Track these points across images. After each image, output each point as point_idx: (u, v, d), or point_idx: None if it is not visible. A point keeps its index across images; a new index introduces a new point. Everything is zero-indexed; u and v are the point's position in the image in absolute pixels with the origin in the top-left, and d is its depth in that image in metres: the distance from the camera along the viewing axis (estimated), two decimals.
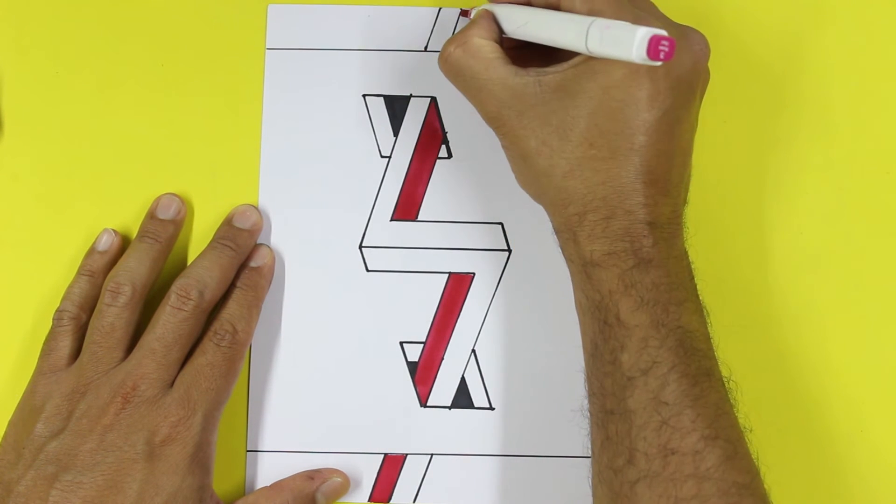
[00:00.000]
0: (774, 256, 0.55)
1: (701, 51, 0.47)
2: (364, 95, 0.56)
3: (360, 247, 0.55)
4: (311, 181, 0.55)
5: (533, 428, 0.54)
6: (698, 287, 0.48)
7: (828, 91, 0.56)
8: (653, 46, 0.40)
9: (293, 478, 0.53)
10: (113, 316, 0.51)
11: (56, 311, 0.52)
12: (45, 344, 0.52)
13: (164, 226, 0.53)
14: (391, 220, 0.55)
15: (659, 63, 0.41)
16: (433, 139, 0.55)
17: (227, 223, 0.54)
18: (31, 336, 0.53)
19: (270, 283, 0.54)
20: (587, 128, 0.46)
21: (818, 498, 0.54)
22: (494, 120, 0.48)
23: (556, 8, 0.48)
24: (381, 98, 0.56)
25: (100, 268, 0.53)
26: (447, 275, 0.55)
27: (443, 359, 0.54)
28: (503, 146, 0.50)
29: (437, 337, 0.55)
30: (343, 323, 0.55)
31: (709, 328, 0.47)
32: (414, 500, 0.54)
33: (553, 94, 0.47)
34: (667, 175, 0.47)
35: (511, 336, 0.55)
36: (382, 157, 0.55)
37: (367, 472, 0.54)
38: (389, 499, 0.54)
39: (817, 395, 0.54)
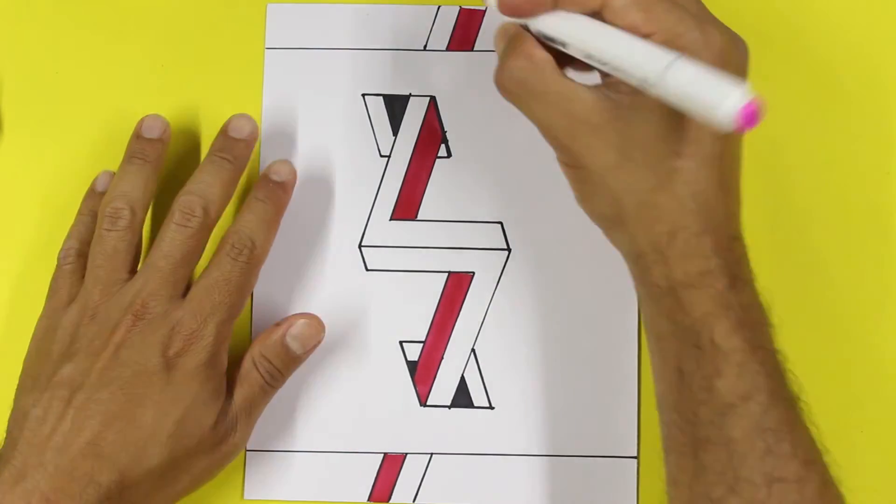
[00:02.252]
0: (768, 257, 0.55)
1: (746, 49, 0.46)
2: (363, 95, 0.56)
3: (360, 246, 0.55)
4: (311, 180, 0.55)
5: (533, 428, 0.54)
6: None
7: (826, 91, 0.56)
8: (745, 116, 0.35)
9: (262, 332, 0.53)
10: (115, 239, 0.51)
11: (60, 250, 0.53)
12: (52, 283, 0.52)
13: (152, 145, 0.53)
14: (391, 219, 0.55)
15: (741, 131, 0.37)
16: (432, 138, 0.56)
17: (223, 134, 0.54)
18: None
19: (290, 199, 0.54)
20: (672, 138, 0.44)
21: None
22: (566, 136, 0.45)
23: (596, 16, 0.44)
24: (381, 97, 0.56)
25: None
26: (447, 274, 0.55)
27: (442, 358, 0.55)
28: (568, 166, 0.47)
29: (436, 336, 0.55)
30: (343, 322, 0.55)
31: None
32: (413, 500, 0.54)
33: (628, 108, 0.44)
34: (738, 181, 0.46)
35: (511, 336, 0.55)
36: (382, 156, 0.56)
37: (366, 472, 0.54)
38: (389, 498, 0.54)
39: (811, 395, 0.54)
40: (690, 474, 0.45)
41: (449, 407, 0.55)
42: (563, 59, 0.46)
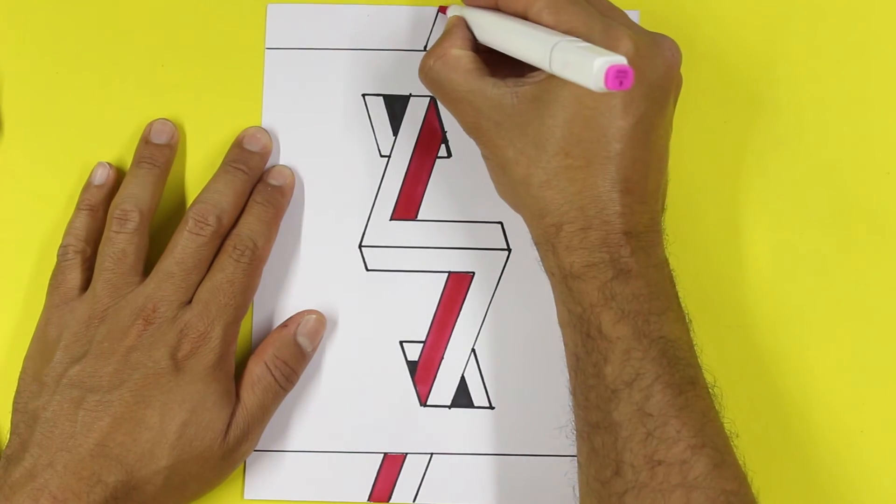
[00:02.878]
0: (759, 259, 0.55)
1: (673, 56, 0.48)
2: (363, 95, 0.56)
3: (360, 246, 0.55)
4: (311, 180, 0.55)
5: (533, 427, 0.54)
6: (680, 294, 0.48)
7: (826, 91, 0.56)
8: (610, 76, 0.39)
9: (269, 335, 0.54)
10: (123, 242, 0.51)
11: (60, 246, 0.53)
12: (52, 279, 0.53)
13: (161, 150, 0.54)
14: (391, 219, 0.55)
15: (616, 91, 0.41)
16: (433, 138, 0.56)
17: (238, 146, 0.55)
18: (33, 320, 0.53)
19: (289, 203, 0.55)
20: (563, 137, 0.47)
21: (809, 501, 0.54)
22: (474, 131, 0.49)
23: (525, 17, 0.48)
24: (381, 97, 0.56)
25: (99, 201, 0.54)
26: (447, 274, 0.55)
27: (442, 358, 0.55)
28: (483, 156, 0.51)
29: (436, 336, 0.55)
30: (343, 322, 0.55)
31: (692, 335, 0.48)
32: (414, 500, 0.54)
33: (529, 104, 0.47)
34: (643, 183, 0.47)
35: (511, 335, 0.55)
36: (382, 156, 0.56)
37: (366, 472, 0.54)
38: (389, 498, 0.54)
39: (809, 396, 0.55)
40: (585, 456, 0.47)
41: (449, 407, 0.55)
42: (497, 58, 0.49)
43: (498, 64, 0.49)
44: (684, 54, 0.49)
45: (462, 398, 0.55)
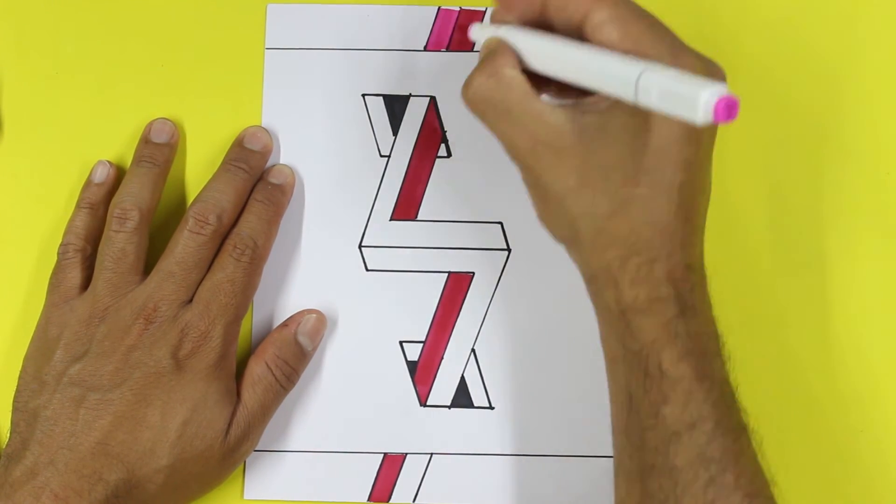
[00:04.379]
0: (758, 257, 0.55)
1: (723, 80, 0.46)
2: (363, 95, 0.56)
3: (360, 246, 0.55)
4: (311, 180, 0.55)
5: (533, 427, 0.54)
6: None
7: (827, 91, 0.56)
8: (720, 110, 0.36)
9: (270, 335, 0.54)
10: (123, 241, 0.52)
11: (60, 245, 0.53)
12: (52, 277, 0.53)
13: (160, 149, 0.54)
14: (391, 219, 0.56)
15: (720, 124, 0.37)
16: (432, 138, 0.56)
17: (238, 144, 0.55)
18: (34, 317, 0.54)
19: (289, 202, 0.55)
20: (632, 166, 0.44)
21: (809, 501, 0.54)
22: (528, 156, 0.46)
23: (578, 32, 0.44)
24: (381, 97, 0.56)
25: (99, 199, 0.54)
26: (447, 274, 0.55)
27: (442, 358, 0.55)
28: (530, 185, 0.47)
29: (436, 336, 0.55)
30: (343, 322, 0.55)
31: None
32: (413, 500, 0.54)
33: (594, 132, 0.44)
34: (701, 212, 0.46)
35: (511, 335, 0.55)
36: (382, 156, 0.56)
37: (366, 472, 0.54)
38: (389, 498, 0.54)
39: (809, 396, 0.55)
40: (636, 499, 0.45)
41: (449, 407, 0.55)
42: (543, 80, 0.46)
43: (540, 88, 0.46)
44: None
45: (462, 398, 0.55)
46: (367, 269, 0.56)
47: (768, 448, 0.53)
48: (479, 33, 0.48)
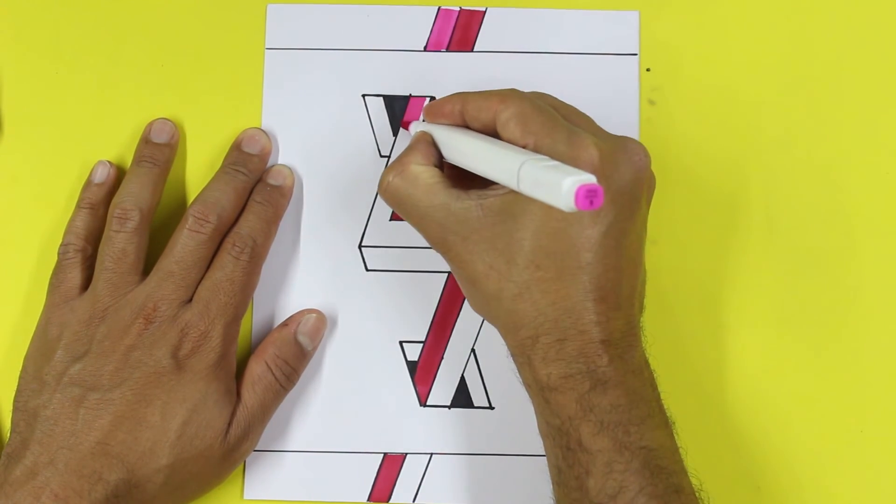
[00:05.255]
0: (769, 257, 0.55)
1: (640, 160, 0.47)
2: (363, 95, 0.56)
3: (360, 246, 0.56)
4: (311, 180, 0.56)
5: (532, 427, 0.54)
6: (663, 394, 0.48)
7: (827, 91, 0.56)
8: (580, 197, 0.39)
9: (270, 334, 0.54)
10: (123, 241, 0.52)
11: (61, 245, 0.53)
12: (52, 277, 0.53)
13: (161, 149, 0.55)
14: (390, 219, 0.56)
15: (588, 210, 0.40)
16: None
17: (236, 148, 0.55)
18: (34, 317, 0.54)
19: (288, 203, 0.55)
20: (533, 249, 0.46)
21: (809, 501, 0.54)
22: (440, 246, 0.49)
23: (493, 131, 0.48)
24: (381, 98, 0.56)
25: (99, 199, 0.54)
26: (447, 274, 0.55)
27: (442, 358, 0.55)
28: (451, 270, 0.50)
29: (436, 336, 0.55)
30: (343, 322, 0.55)
31: (675, 439, 0.47)
32: (413, 500, 0.54)
33: (496, 217, 0.47)
34: (617, 289, 0.47)
35: None
36: (382, 156, 0.56)
37: (366, 472, 0.54)
38: (389, 498, 0.54)
39: (809, 395, 0.55)
40: None
41: (449, 407, 0.55)
42: (462, 171, 0.49)
43: (463, 176, 0.49)
44: (684, 55, 0.50)
45: (462, 398, 0.55)
46: (367, 269, 0.56)
47: (766, 446, 0.54)
48: (414, 127, 0.53)
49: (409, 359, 0.55)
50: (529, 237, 0.46)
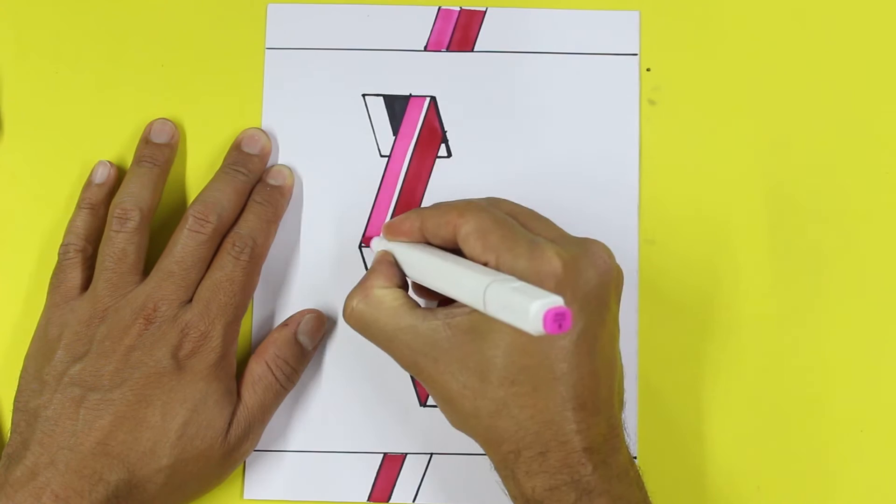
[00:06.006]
0: (769, 257, 0.55)
1: (605, 262, 0.47)
2: (363, 95, 0.56)
3: (360, 246, 0.56)
4: (311, 180, 0.56)
5: None
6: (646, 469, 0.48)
7: (827, 91, 0.56)
8: (549, 321, 0.38)
9: (270, 334, 0.54)
10: (123, 241, 0.52)
11: (61, 245, 0.53)
12: (53, 278, 0.53)
13: (161, 149, 0.55)
14: (391, 219, 0.55)
15: (556, 334, 0.39)
16: (432, 138, 0.56)
17: (236, 148, 0.55)
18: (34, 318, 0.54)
19: (288, 203, 0.55)
20: (505, 366, 0.45)
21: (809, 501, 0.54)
22: (412, 368, 0.48)
23: (454, 245, 0.47)
24: (381, 97, 0.56)
25: (99, 199, 0.54)
26: None
27: None
28: (426, 388, 0.49)
29: None
30: (343, 322, 0.55)
31: None
32: (413, 500, 0.54)
33: (465, 335, 0.46)
34: (595, 394, 0.46)
35: None
36: (382, 156, 0.56)
37: (366, 472, 0.54)
38: (389, 498, 0.54)
39: (809, 395, 0.55)
40: None
41: None
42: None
43: (429, 291, 0.49)
44: (684, 55, 0.49)
45: None
46: (367, 269, 0.56)
47: (766, 446, 0.54)
48: (376, 245, 0.52)
49: None
50: (501, 354, 0.45)
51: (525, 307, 0.39)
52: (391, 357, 0.49)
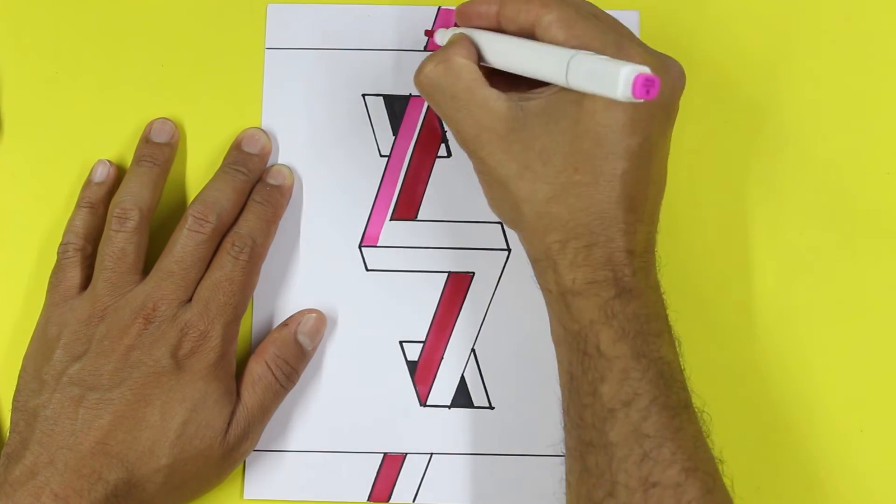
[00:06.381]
0: (759, 260, 0.55)
1: (678, 79, 0.48)
2: (363, 95, 0.56)
3: (360, 246, 0.56)
4: (311, 180, 0.56)
5: (533, 427, 0.55)
6: (670, 316, 0.48)
7: (827, 91, 0.56)
8: (638, 85, 0.39)
9: (270, 334, 0.54)
10: (123, 241, 0.52)
11: (60, 244, 0.54)
12: (52, 277, 0.53)
13: (161, 149, 0.55)
14: (391, 219, 0.56)
15: (641, 101, 0.40)
16: (432, 138, 0.56)
17: (236, 148, 0.55)
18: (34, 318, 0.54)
19: (288, 203, 0.55)
20: (571, 152, 0.46)
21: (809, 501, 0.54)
22: (472, 142, 0.48)
23: (532, 36, 0.47)
24: (381, 97, 0.56)
25: (99, 198, 0.54)
26: (447, 274, 0.55)
27: (442, 358, 0.55)
28: (477, 170, 0.50)
29: (436, 336, 0.55)
30: (343, 322, 0.55)
31: (681, 358, 0.48)
32: (413, 500, 0.54)
33: (536, 118, 0.47)
34: (644, 201, 0.47)
35: (511, 335, 0.55)
36: (382, 156, 0.56)
37: (366, 472, 0.54)
38: (389, 498, 0.54)
39: (809, 395, 0.55)
40: (576, 476, 0.47)
41: (449, 407, 0.55)
42: (504, 81, 0.48)
43: (500, 86, 0.48)
44: (684, 55, 0.50)
45: (462, 398, 0.55)
46: (367, 269, 0.56)
47: (766, 446, 0.54)
48: (444, 34, 0.52)
49: (409, 359, 0.55)
50: (569, 140, 0.46)
51: (615, 71, 0.40)
52: (451, 127, 0.49)
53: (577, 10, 0.47)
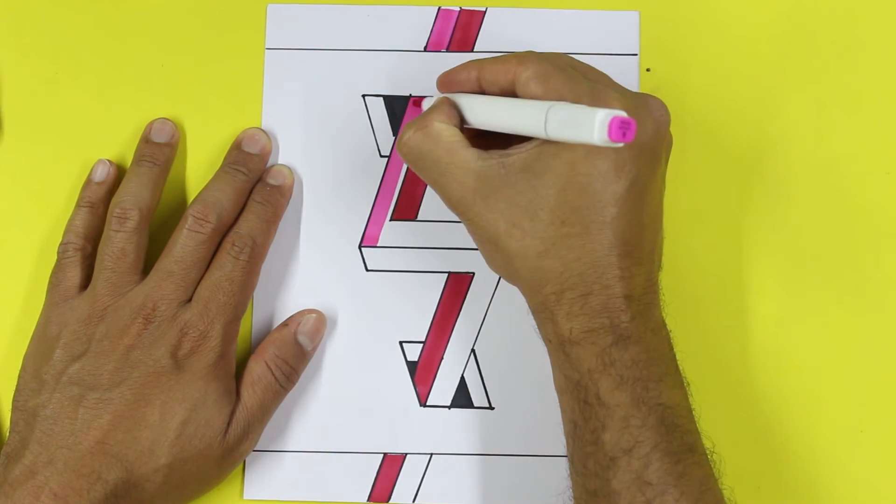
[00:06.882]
0: (757, 261, 0.55)
1: (661, 116, 0.48)
2: (363, 95, 0.56)
3: (360, 246, 0.56)
4: (311, 180, 0.56)
5: (533, 427, 0.55)
6: (678, 357, 0.48)
7: (827, 91, 0.56)
8: (614, 129, 0.40)
9: (270, 334, 0.54)
10: (122, 241, 0.52)
11: (60, 244, 0.54)
12: (52, 276, 0.53)
13: (161, 149, 0.55)
14: (391, 219, 0.56)
15: (621, 144, 0.41)
16: None
17: (237, 147, 0.55)
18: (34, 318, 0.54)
19: (288, 203, 0.55)
20: (557, 205, 0.46)
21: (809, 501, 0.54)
22: (459, 204, 0.49)
23: (511, 94, 0.48)
24: (381, 98, 0.56)
25: (99, 198, 0.54)
26: (447, 274, 0.55)
27: (442, 358, 0.55)
28: (469, 231, 0.50)
29: (436, 336, 0.55)
30: (342, 322, 0.55)
31: (690, 400, 0.48)
32: (413, 500, 0.54)
33: (519, 174, 0.47)
34: (639, 244, 0.47)
35: (511, 336, 0.55)
36: (382, 156, 0.56)
37: (366, 472, 0.54)
38: (389, 498, 0.54)
39: (809, 395, 0.55)
40: None
41: (449, 407, 0.55)
42: (486, 142, 0.49)
43: (482, 147, 0.49)
44: (684, 55, 0.50)
45: (462, 398, 0.55)
46: (367, 269, 0.56)
47: (767, 446, 0.54)
48: (427, 103, 0.53)
49: (409, 359, 0.55)
50: (554, 193, 0.46)
51: (591, 116, 0.40)
52: (437, 191, 0.49)
53: (553, 63, 0.47)
